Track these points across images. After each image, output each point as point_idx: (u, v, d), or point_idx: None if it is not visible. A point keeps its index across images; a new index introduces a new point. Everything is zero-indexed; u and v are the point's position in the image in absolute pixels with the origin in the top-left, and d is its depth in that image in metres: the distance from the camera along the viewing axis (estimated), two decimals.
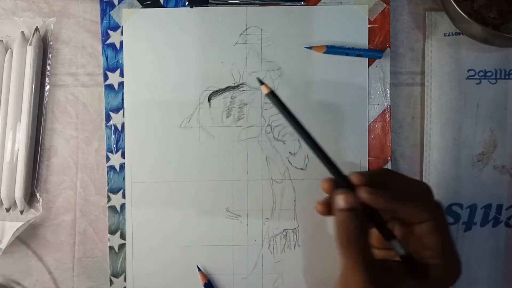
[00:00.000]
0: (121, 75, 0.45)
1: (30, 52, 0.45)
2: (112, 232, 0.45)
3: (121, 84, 0.45)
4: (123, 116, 0.45)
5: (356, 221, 0.30)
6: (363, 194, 0.30)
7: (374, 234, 0.33)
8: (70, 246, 0.46)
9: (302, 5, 0.45)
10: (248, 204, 0.45)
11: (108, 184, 0.45)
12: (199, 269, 0.45)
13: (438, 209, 0.32)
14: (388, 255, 0.33)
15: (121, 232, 0.45)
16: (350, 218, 0.30)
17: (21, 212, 0.45)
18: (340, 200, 0.30)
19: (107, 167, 0.45)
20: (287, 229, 0.45)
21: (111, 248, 0.45)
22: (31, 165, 0.45)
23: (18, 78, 0.45)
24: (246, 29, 0.45)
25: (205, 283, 0.44)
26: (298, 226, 0.45)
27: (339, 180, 0.31)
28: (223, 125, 0.45)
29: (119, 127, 0.45)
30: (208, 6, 0.45)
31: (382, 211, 0.31)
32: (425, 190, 0.32)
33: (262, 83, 0.33)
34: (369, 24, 0.45)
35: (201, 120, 0.45)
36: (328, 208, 0.32)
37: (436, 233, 0.31)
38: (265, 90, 0.32)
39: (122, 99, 0.45)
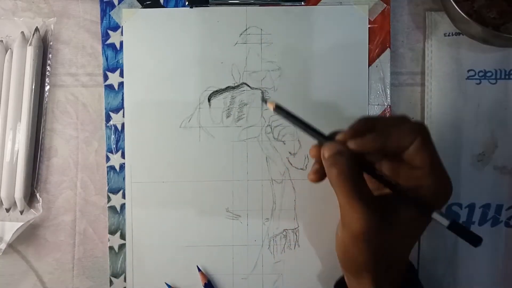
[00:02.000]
0: (121, 75, 0.45)
1: (30, 52, 0.45)
2: (112, 232, 0.45)
3: (121, 84, 0.45)
4: (123, 116, 0.45)
5: (346, 159, 0.32)
6: (352, 144, 0.32)
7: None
8: (70, 246, 0.46)
9: (302, 5, 0.45)
10: (248, 204, 0.45)
11: (108, 184, 0.45)
12: (199, 270, 0.45)
13: (422, 128, 0.32)
14: (381, 194, 0.35)
15: (121, 232, 0.45)
16: (339, 157, 0.32)
17: (21, 213, 0.45)
18: (327, 149, 0.33)
19: (107, 167, 0.45)
20: (287, 229, 0.45)
21: (111, 248, 0.45)
22: (31, 165, 0.45)
23: (18, 78, 0.45)
24: (246, 29, 0.45)
25: (205, 283, 0.44)
26: (298, 226, 0.45)
27: (327, 141, 0.34)
28: (223, 125, 0.45)
29: (119, 127, 0.45)
30: (208, 6, 0.45)
31: (371, 152, 0.33)
32: (404, 117, 0.34)
33: (265, 101, 0.37)
34: (369, 24, 0.45)
35: (201, 120, 0.45)
36: (319, 174, 0.34)
37: (424, 150, 0.32)
38: (271, 107, 0.35)
39: (122, 99, 0.45)
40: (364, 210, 0.30)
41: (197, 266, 0.45)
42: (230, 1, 0.45)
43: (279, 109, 0.35)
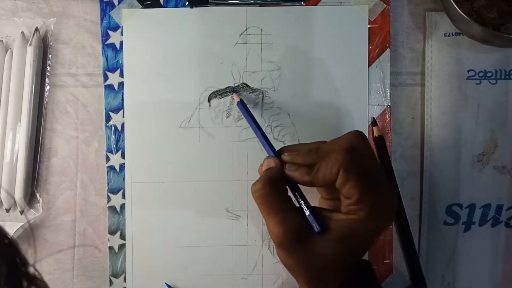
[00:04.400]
0: (121, 75, 0.45)
1: (30, 52, 0.45)
2: (112, 232, 0.45)
3: (121, 84, 0.45)
4: (123, 116, 0.45)
5: (272, 184, 0.34)
6: (288, 171, 0.36)
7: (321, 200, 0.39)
8: (70, 246, 0.46)
9: (302, 5, 0.45)
10: (248, 204, 0.45)
11: (108, 184, 0.45)
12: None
13: (344, 158, 0.33)
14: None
15: (121, 233, 0.45)
16: (267, 173, 0.35)
17: (21, 213, 0.45)
18: (265, 163, 0.37)
19: (107, 167, 0.45)
20: None
21: (111, 248, 0.45)
22: (31, 165, 0.45)
23: (18, 78, 0.45)
24: (246, 29, 0.45)
25: None
26: None
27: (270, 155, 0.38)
28: (223, 125, 0.45)
29: (119, 128, 0.45)
30: (208, 6, 0.45)
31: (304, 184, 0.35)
32: (334, 146, 0.34)
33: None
34: (369, 24, 0.45)
35: (201, 120, 0.45)
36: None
37: (347, 182, 0.32)
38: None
39: (122, 99, 0.45)
40: (281, 223, 0.33)
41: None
42: (230, 1, 0.45)
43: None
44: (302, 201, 0.35)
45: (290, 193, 0.36)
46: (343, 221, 0.33)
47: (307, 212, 0.34)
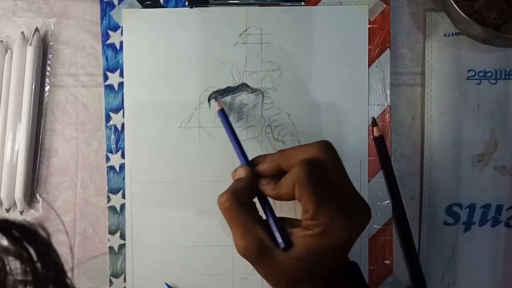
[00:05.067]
0: (121, 75, 0.45)
1: (30, 52, 0.45)
2: (112, 232, 0.45)
3: (121, 85, 0.45)
4: (123, 117, 0.45)
5: (238, 197, 0.34)
6: (260, 186, 0.35)
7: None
8: (70, 246, 0.46)
9: (302, 5, 0.45)
10: None
11: (108, 184, 0.45)
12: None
13: (301, 169, 0.32)
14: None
15: (121, 233, 0.45)
16: (235, 183, 0.36)
17: (21, 213, 0.45)
18: (237, 172, 0.37)
19: (107, 167, 0.45)
20: None
21: (111, 248, 0.45)
22: (31, 165, 0.45)
23: (18, 78, 0.45)
24: (246, 29, 0.45)
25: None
26: None
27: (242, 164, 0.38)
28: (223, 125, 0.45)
29: (119, 128, 0.45)
30: (208, 6, 0.45)
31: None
32: (295, 157, 0.34)
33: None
34: (369, 24, 0.45)
35: (201, 120, 0.45)
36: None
37: (303, 194, 0.31)
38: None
39: (122, 100, 0.45)
40: (243, 236, 0.33)
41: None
42: (230, 1, 0.45)
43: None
44: (270, 215, 0.35)
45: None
46: (302, 237, 0.32)
47: (274, 227, 0.34)
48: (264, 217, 0.35)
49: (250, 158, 0.38)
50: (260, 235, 0.33)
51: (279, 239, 0.33)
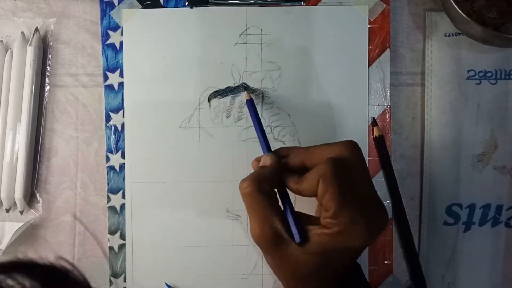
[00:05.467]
0: (121, 75, 0.45)
1: (30, 52, 0.45)
2: (112, 232, 0.45)
3: (121, 85, 0.45)
4: (123, 117, 0.45)
5: (260, 184, 0.34)
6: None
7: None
8: (70, 246, 0.46)
9: (302, 5, 0.45)
10: None
11: (108, 184, 0.45)
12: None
13: (327, 167, 0.32)
14: None
15: (121, 233, 0.45)
16: (260, 170, 0.36)
17: (21, 213, 0.45)
18: (262, 159, 0.37)
19: (107, 167, 0.45)
20: None
21: (111, 248, 0.45)
22: (31, 165, 0.45)
23: (18, 78, 0.45)
24: (246, 29, 0.45)
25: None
26: None
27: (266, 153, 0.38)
28: (223, 126, 0.45)
29: (119, 128, 0.45)
30: (208, 6, 0.45)
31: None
32: (321, 154, 0.34)
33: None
34: (369, 24, 0.45)
35: (201, 120, 0.45)
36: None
37: (326, 192, 0.31)
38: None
39: (122, 100, 0.45)
40: (261, 224, 0.33)
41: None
42: (230, 1, 0.45)
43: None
44: (289, 208, 0.34)
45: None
46: (319, 235, 0.32)
47: (291, 220, 0.34)
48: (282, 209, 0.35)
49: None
50: (277, 226, 0.33)
51: (296, 233, 0.33)
